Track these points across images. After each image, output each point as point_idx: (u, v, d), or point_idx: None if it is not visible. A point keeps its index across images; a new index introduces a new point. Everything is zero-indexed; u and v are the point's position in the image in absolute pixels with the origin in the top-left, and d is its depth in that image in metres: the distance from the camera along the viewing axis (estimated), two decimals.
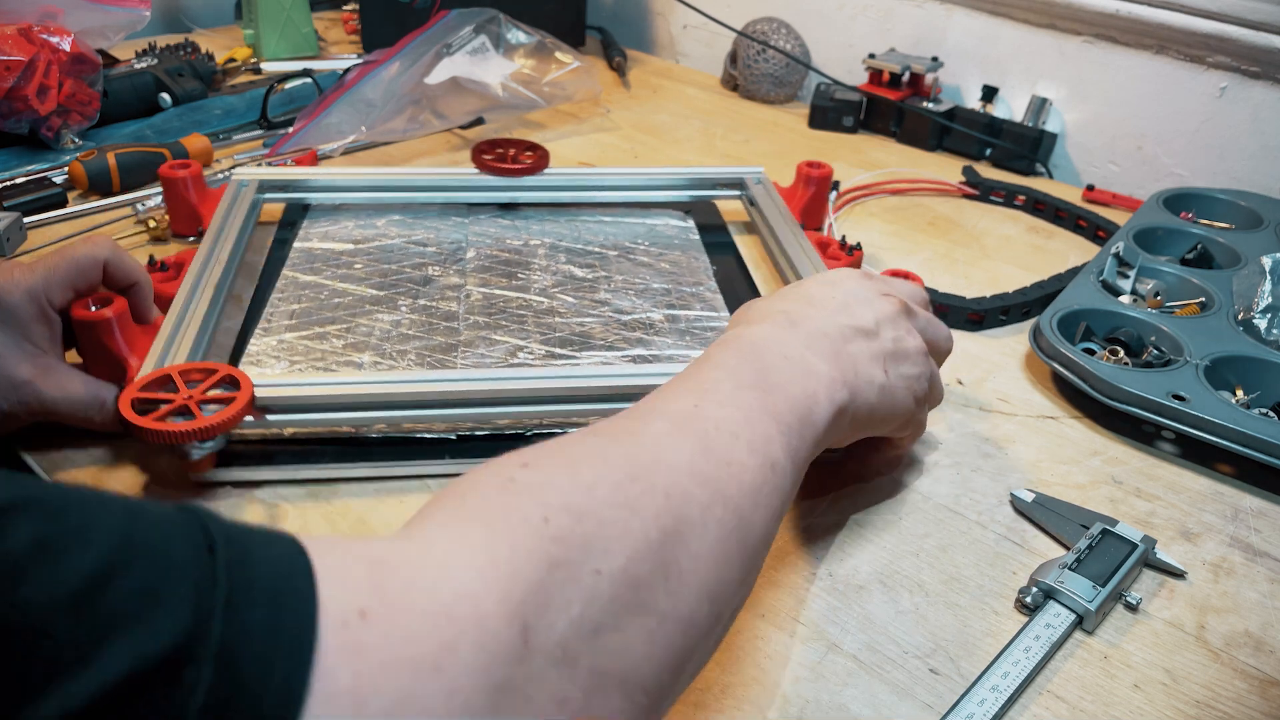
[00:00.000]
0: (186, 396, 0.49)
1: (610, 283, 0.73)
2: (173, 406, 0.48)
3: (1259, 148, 0.95)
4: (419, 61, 0.98)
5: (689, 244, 0.79)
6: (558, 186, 0.82)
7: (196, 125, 0.98)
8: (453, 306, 0.68)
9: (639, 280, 0.73)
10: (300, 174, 0.80)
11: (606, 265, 0.75)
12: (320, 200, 0.80)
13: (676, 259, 0.77)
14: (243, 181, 0.77)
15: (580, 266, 0.74)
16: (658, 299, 0.71)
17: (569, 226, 0.81)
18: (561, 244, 0.78)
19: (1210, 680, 0.46)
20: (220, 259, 0.66)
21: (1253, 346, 0.67)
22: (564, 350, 0.64)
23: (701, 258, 0.78)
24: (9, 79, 0.84)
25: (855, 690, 0.44)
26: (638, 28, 1.44)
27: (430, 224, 0.79)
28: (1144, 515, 0.56)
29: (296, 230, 0.77)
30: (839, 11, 1.21)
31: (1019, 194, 0.95)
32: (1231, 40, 0.93)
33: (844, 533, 0.54)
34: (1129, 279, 0.75)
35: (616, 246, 0.78)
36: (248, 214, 0.74)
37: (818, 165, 0.83)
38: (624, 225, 0.81)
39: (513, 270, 0.73)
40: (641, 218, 0.83)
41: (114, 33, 0.95)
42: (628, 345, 0.65)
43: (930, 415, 0.64)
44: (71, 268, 0.54)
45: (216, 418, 0.48)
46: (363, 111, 0.94)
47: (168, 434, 0.47)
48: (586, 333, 0.66)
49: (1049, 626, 0.47)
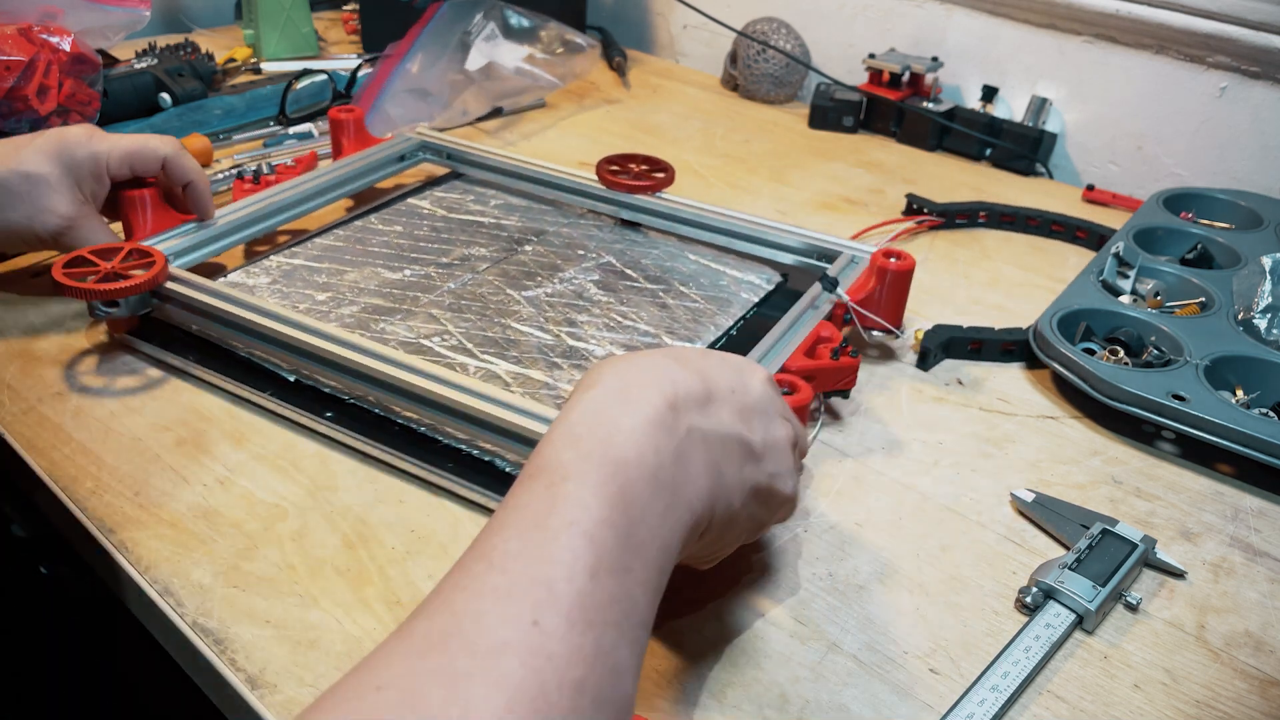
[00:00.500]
0: (110, 267, 0.61)
1: (603, 308, 0.69)
2: (100, 274, 0.60)
3: (1259, 148, 0.95)
4: (446, 51, 1.00)
5: (739, 301, 0.71)
6: (668, 214, 0.79)
7: (196, 125, 0.98)
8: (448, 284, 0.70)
9: (634, 316, 0.68)
10: (459, 143, 0.88)
11: (625, 293, 0.71)
12: (469, 171, 0.88)
13: (703, 309, 0.69)
14: (407, 137, 0.88)
15: (601, 287, 0.71)
16: (628, 337, 0.66)
17: (644, 248, 0.77)
18: (615, 261, 0.75)
19: (1210, 680, 0.46)
20: (305, 185, 0.77)
21: (1253, 346, 0.67)
22: (476, 347, 0.63)
23: (728, 317, 0.69)
24: (9, 79, 0.84)
25: (855, 690, 0.44)
26: (638, 28, 1.44)
27: (533, 215, 0.82)
28: (1144, 515, 0.56)
29: (423, 189, 0.86)
30: (839, 11, 1.21)
31: (981, 210, 0.90)
32: (1231, 40, 0.93)
33: (844, 533, 0.54)
34: (1129, 279, 0.75)
35: (662, 280, 0.73)
36: (384, 158, 0.84)
37: (898, 255, 0.67)
38: (701, 265, 0.75)
39: (535, 272, 0.73)
40: (726, 265, 0.76)
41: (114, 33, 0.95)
42: (540, 369, 0.61)
43: (931, 416, 0.65)
44: (135, 149, 0.67)
45: (125, 282, 0.60)
46: (421, 102, 0.98)
47: (78, 289, 0.59)
48: (517, 342, 0.64)
49: (1049, 626, 0.47)
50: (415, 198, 0.84)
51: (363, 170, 0.84)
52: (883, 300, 0.68)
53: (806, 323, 0.63)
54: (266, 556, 0.49)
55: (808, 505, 0.55)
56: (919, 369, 0.69)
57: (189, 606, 0.46)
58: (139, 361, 0.64)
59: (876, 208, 0.94)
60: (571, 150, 1.02)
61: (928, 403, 0.65)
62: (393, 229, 0.78)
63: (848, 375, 0.61)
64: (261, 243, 0.78)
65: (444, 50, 1.02)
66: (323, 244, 0.75)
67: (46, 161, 0.64)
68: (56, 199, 0.64)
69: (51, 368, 0.63)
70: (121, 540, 0.50)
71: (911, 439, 0.62)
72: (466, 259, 0.74)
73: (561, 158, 0.99)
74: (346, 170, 0.82)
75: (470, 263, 0.74)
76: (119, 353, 0.65)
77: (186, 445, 0.57)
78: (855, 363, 0.60)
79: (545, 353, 0.63)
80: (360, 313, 0.66)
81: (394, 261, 0.73)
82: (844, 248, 0.72)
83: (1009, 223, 0.90)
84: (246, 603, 0.47)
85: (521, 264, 0.74)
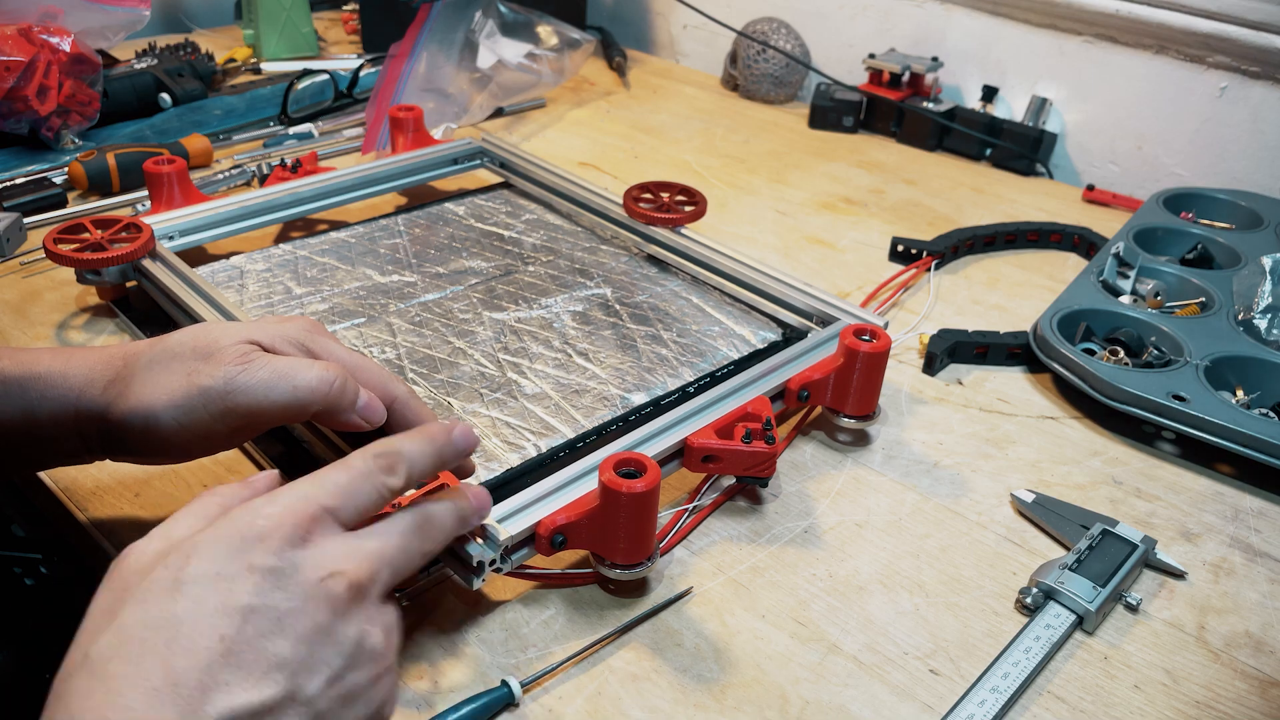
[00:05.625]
0: (98, 237, 0.64)
1: (565, 344, 0.63)
2: (84, 244, 0.64)
3: (1259, 148, 0.95)
4: (454, 51, 1.01)
5: (716, 355, 0.63)
6: (678, 250, 0.73)
7: (196, 125, 0.98)
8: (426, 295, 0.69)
9: (593, 358, 0.62)
10: (514, 151, 0.86)
11: (599, 329, 0.65)
12: (517, 182, 0.85)
13: (671, 359, 0.63)
14: (467, 140, 0.87)
15: (578, 319, 0.66)
16: (575, 381, 0.60)
17: (649, 283, 0.72)
18: (609, 293, 0.70)
19: (1210, 680, 0.46)
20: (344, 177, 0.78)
21: (1253, 346, 0.67)
22: (410, 363, 0.61)
23: (692, 372, 0.62)
24: (9, 79, 0.84)
25: (855, 690, 0.44)
26: (638, 28, 1.44)
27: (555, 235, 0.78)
28: (1144, 515, 0.56)
29: (467, 195, 0.84)
30: (839, 11, 1.21)
31: (967, 239, 0.85)
32: (1231, 40, 0.93)
33: (844, 533, 0.54)
34: (1129, 279, 0.75)
35: (647, 321, 0.66)
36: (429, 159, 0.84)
37: (873, 334, 0.58)
38: (699, 310, 0.68)
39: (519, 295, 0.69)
40: (727, 315, 0.68)
41: (114, 33, 0.95)
42: (460, 397, 0.58)
43: (931, 416, 0.65)
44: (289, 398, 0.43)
45: (98, 254, 0.63)
46: (444, 103, 0.98)
47: (56, 255, 0.62)
48: (455, 365, 0.61)
49: (1049, 627, 0.47)
50: (453, 202, 0.83)
51: (411, 168, 0.83)
52: (855, 383, 0.58)
53: (742, 396, 0.55)
54: None
55: (808, 506, 0.55)
56: (925, 374, 0.69)
57: None
58: None
59: (876, 208, 0.94)
60: (571, 150, 1.02)
61: (928, 403, 0.65)
62: (412, 232, 0.77)
63: (762, 463, 0.52)
64: (299, 228, 0.80)
65: (451, 50, 1.02)
66: (336, 238, 0.75)
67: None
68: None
69: None
70: (122, 541, 0.50)
71: (911, 439, 0.62)
72: (461, 272, 0.72)
73: (561, 158, 0.99)
74: (392, 166, 0.82)
75: (462, 276, 0.71)
76: None
77: None
78: (771, 451, 0.51)
79: (476, 380, 0.59)
80: (325, 311, 0.65)
81: (388, 265, 0.72)
82: (843, 313, 0.64)
83: (1008, 241, 0.87)
84: None
85: (512, 284, 0.70)
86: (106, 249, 0.64)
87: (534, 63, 1.07)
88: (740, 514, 0.55)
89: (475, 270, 0.72)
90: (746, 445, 0.51)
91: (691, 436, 0.51)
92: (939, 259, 0.82)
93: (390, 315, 0.66)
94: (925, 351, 0.69)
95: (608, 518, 0.45)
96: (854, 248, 0.86)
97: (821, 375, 0.58)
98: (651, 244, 0.75)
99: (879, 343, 0.57)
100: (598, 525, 0.46)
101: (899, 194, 0.97)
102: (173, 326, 0.61)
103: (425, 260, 0.74)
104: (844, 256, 0.84)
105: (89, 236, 0.65)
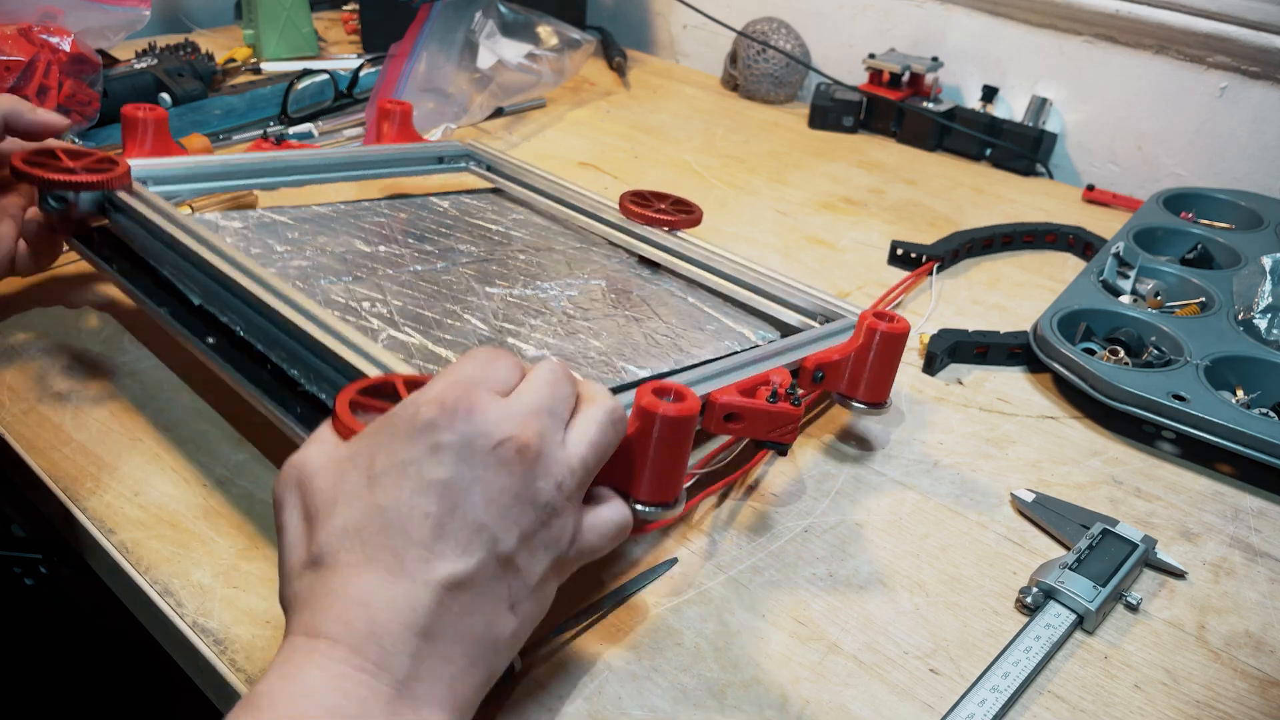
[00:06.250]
0: (72, 165, 0.61)
1: (562, 319, 0.62)
2: (58, 167, 0.61)
3: (1259, 148, 0.95)
4: (454, 51, 1.01)
5: (714, 347, 0.63)
6: (675, 251, 0.71)
7: (196, 125, 0.98)
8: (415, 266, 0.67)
9: (591, 332, 0.61)
10: (504, 157, 0.85)
11: (595, 309, 0.64)
12: (506, 187, 0.83)
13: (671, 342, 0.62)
14: (453, 143, 0.86)
15: (574, 303, 0.65)
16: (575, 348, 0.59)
17: (643, 280, 0.70)
18: (604, 284, 0.68)
19: (1210, 680, 0.46)
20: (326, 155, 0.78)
21: (1253, 346, 0.67)
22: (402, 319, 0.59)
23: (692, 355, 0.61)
24: (9, 79, 0.84)
25: (855, 690, 0.44)
26: (638, 28, 1.44)
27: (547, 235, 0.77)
28: (1144, 515, 0.56)
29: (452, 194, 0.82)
30: (839, 11, 1.21)
31: (967, 242, 0.84)
32: (1231, 40, 0.93)
33: (844, 533, 0.54)
34: (1129, 279, 0.75)
35: (647, 311, 0.66)
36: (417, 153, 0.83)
37: (889, 318, 0.57)
38: (693, 307, 0.67)
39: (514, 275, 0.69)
40: (723, 313, 0.67)
41: (114, 33, 0.94)
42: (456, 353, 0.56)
43: (931, 416, 0.65)
44: None
45: (73, 176, 0.60)
46: (444, 104, 0.98)
47: (29, 174, 0.59)
48: (451, 325, 0.59)
49: (1049, 626, 0.47)
50: (438, 198, 0.80)
51: (393, 158, 0.81)
52: (871, 365, 0.57)
53: (761, 366, 0.54)
54: (267, 556, 0.49)
55: (808, 505, 0.55)
56: (925, 373, 0.69)
57: (189, 607, 0.46)
58: (140, 363, 0.64)
59: (876, 208, 0.94)
60: (571, 150, 1.02)
61: (928, 403, 0.65)
62: (396, 215, 0.74)
63: (784, 426, 0.50)
64: (275, 201, 0.78)
65: (450, 50, 1.02)
66: (316, 211, 0.72)
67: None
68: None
69: (52, 369, 0.63)
70: (122, 540, 0.50)
71: (911, 439, 0.62)
72: (450, 250, 0.69)
73: (561, 158, 0.99)
74: (376, 154, 0.80)
75: (451, 255, 0.69)
76: (120, 353, 0.65)
77: (187, 446, 0.57)
78: (796, 413, 0.50)
79: (474, 338, 0.57)
80: (309, 268, 0.62)
81: (374, 238, 0.69)
82: (848, 313, 0.63)
83: (1004, 243, 0.87)
84: (246, 603, 0.47)
85: (505, 265, 0.69)
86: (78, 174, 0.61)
87: (534, 63, 1.07)
88: (740, 513, 0.55)
89: (465, 252, 0.70)
90: (772, 404, 0.50)
91: (715, 392, 0.49)
92: (940, 263, 0.82)
93: (380, 279, 0.63)
94: (925, 351, 0.69)
95: (640, 445, 0.43)
96: (854, 248, 0.86)
97: (840, 356, 0.57)
98: (646, 244, 0.73)
99: (898, 324, 0.57)
100: (626, 455, 0.43)
101: (899, 194, 0.97)
102: (145, 266, 0.61)
103: (411, 237, 0.71)
104: (844, 256, 0.84)
105: (62, 162, 0.61)
